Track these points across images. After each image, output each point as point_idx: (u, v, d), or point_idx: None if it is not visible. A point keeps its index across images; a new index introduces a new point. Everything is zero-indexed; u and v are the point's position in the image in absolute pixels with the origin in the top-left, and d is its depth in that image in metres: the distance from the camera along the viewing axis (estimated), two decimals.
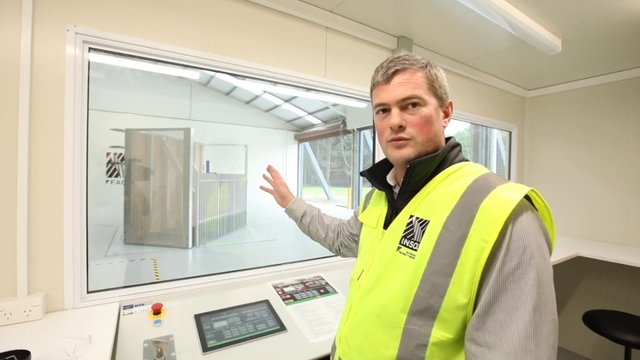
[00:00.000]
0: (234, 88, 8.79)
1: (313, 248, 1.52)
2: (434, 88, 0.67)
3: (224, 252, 4.96)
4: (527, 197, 0.57)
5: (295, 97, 8.82)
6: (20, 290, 1.05)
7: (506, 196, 0.54)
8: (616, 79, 2.45)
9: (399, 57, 0.69)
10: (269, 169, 1.23)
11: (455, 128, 3.34)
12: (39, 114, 1.08)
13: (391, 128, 0.67)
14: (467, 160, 0.70)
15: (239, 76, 1.52)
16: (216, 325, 1.16)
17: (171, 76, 7.55)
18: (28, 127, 1.05)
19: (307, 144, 11.38)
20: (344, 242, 1.09)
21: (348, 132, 9.58)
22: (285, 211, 1.19)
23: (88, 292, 1.19)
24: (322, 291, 1.49)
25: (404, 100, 0.66)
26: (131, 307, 1.20)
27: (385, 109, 0.69)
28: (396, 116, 0.66)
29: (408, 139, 0.66)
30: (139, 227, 4.98)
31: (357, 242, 1.05)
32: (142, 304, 1.22)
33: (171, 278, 1.39)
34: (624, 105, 2.44)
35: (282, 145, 11.11)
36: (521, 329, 0.48)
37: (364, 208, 0.94)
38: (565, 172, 2.79)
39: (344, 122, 9.54)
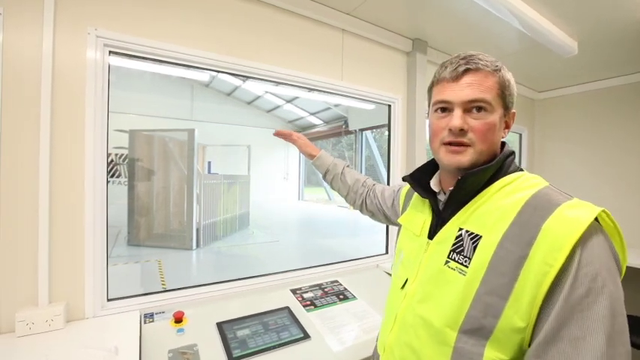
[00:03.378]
0: (236, 88, 8.76)
1: (317, 249, 1.50)
2: (504, 95, 0.63)
3: (229, 253, 4.94)
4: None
5: (297, 97, 8.79)
6: (41, 299, 1.03)
7: (573, 216, 0.50)
8: (625, 82, 2.44)
9: (472, 55, 0.64)
10: (276, 133, 1.18)
11: None
12: (60, 119, 1.06)
13: (450, 130, 0.62)
14: (521, 170, 0.65)
15: (256, 79, 1.50)
16: (240, 333, 1.14)
17: (173, 77, 7.52)
18: (49, 132, 1.03)
19: None
20: (371, 209, 1.10)
21: (350, 132, 9.56)
22: (312, 164, 1.19)
23: (109, 300, 1.17)
24: (341, 297, 1.47)
25: (470, 102, 0.61)
26: (152, 315, 1.18)
27: (446, 109, 0.64)
28: (458, 118, 0.61)
29: (468, 145, 0.61)
30: (143, 228, 4.95)
31: (386, 216, 1.06)
32: (163, 312, 1.20)
33: (177, 279, 1.39)
34: (632, 108, 2.43)
35: (283, 145, 11.08)
36: None
37: (404, 207, 0.90)
38: (574, 175, 2.78)
39: (346, 123, 9.52)
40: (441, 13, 1.65)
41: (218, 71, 1.41)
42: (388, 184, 1.99)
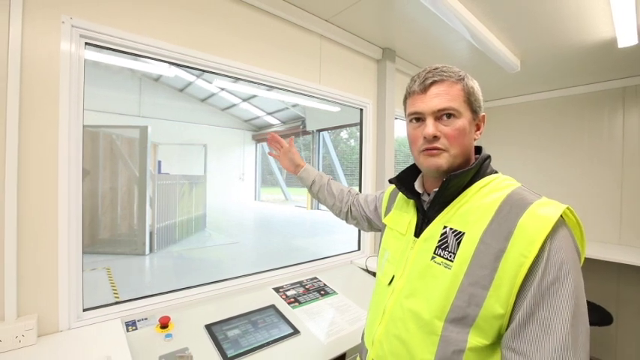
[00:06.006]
0: (189, 84, 8.33)
1: (279, 250, 1.52)
2: (469, 101, 0.69)
3: (187, 257, 4.70)
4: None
5: (254, 96, 8.63)
6: (9, 313, 0.93)
7: (544, 213, 0.57)
8: (562, 94, 2.79)
9: (437, 68, 0.70)
10: (272, 137, 1.28)
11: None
12: (30, 115, 0.97)
13: (425, 138, 0.68)
14: (496, 172, 0.73)
15: (239, 79, 1.49)
16: (230, 333, 1.14)
17: (117, 68, 6.93)
18: (17, 129, 0.94)
19: (265, 144, 11.20)
20: (355, 216, 1.15)
21: (308, 133, 9.64)
22: (297, 177, 1.24)
23: (84, 310, 1.09)
24: (323, 292, 1.53)
25: (440, 111, 0.67)
26: (134, 322, 1.13)
27: (419, 119, 0.70)
28: (430, 126, 0.67)
29: (442, 150, 0.67)
30: (86, 234, 4.51)
31: (369, 222, 1.12)
32: (145, 319, 1.16)
33: (132, 288, 1.34)
34: (567, 117, 2.80)
35: (239, 144, 10.81)
36: (559, 341, 0.51)
37: (387, 208, 0.94)
38: (513, 173, 3.13)
39: (303, 123, 9.57)
40: (408, 27, 1.79)
41: (203, 70, 1.37)
42: (360, 181, 2.10)
